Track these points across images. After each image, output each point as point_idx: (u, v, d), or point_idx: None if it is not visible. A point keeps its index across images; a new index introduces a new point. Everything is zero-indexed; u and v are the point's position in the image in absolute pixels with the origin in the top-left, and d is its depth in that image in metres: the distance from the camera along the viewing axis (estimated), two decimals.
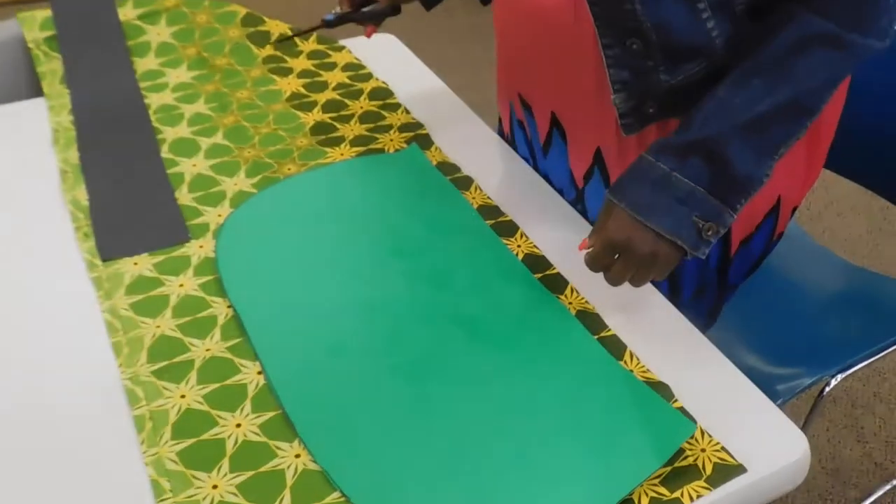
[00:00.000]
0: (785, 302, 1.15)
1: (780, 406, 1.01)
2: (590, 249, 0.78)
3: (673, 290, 0.93)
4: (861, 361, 1.06)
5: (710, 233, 0.75)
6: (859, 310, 1.10)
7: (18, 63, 1.24)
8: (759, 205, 0.93)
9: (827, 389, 1.06)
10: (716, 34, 0.78)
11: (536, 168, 1.02)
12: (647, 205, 0.75)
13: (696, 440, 0.70)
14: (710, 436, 0.70)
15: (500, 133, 1.11)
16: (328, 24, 1.00)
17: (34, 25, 1.22)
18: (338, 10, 1.00)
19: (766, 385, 1.01)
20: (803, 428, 1.14)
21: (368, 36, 1.05)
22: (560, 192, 0.99)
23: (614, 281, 0.78)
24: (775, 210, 0.95)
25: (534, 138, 0.99)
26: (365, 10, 1.01)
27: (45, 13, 1.23)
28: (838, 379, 1.05)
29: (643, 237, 0.75)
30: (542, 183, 1.00)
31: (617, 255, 0.77)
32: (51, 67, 1.19)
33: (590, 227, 0.93)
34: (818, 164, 0.95)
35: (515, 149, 1.05)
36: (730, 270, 0.96)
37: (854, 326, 1.09)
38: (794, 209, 0.99)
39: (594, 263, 0.78)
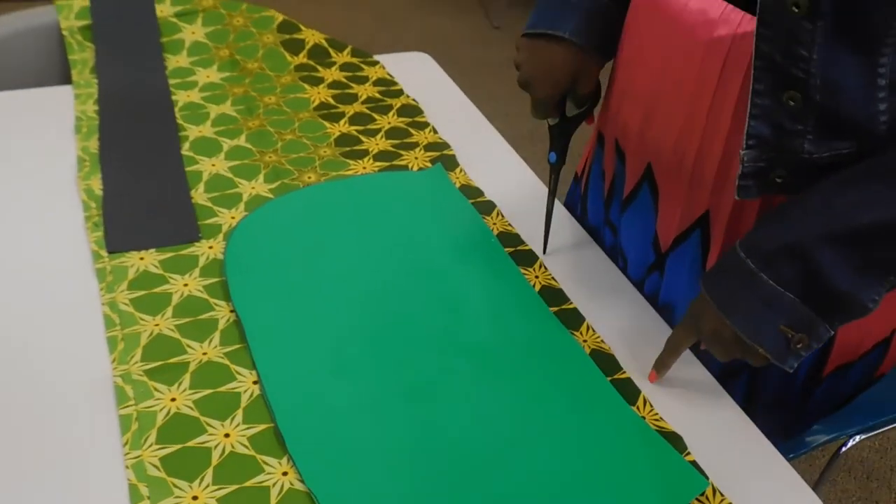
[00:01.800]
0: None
1: (792, 459, 0.97)
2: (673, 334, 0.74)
3: (750, 393, 0.83)
4: (885, 425, 1.01)
5: (800, 345, 0.66)
6: (890, 374, 1.06)
7: (51, 50, 1.23)
8: (870, 332, 0.82)
9: (844, 449, 1.01)
10: (884, 119, 0.64)
11: (608, 219, 0.92)
12: (731, 302, 0.68)
13: (707, 497, 0.66)
14: (721, 494, 0.66)
15: (575, 175, 1.03)
16: (557, 163, 0.88)
17: (70, 13, 1.21)
18: (552, 154, 0.88)
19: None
20: (815, 486, 1.10)
21: (591, 124, 0.91)
22: (626, 258, 0.90)
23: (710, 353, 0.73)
24: (885, 343, 0.83)
25: (614, 188, 0.90)
26: (570, 115, 0.87)
27: (82, 2, 1.22)
28: (857, 440, 1.00)
29: (732, 336, 0.69)
30: (567, 216, 0.97)
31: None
32: (83, 56, 1.18)
33: (616, 270, 0.89)
34: None
35: (587, 194, 0.96)
36: (816, 392, 0.85)
37: (882, 389, 1.05)
38: None
39: (670, 343, 0.75)
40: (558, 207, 0.98)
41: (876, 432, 1.02)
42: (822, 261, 0.64)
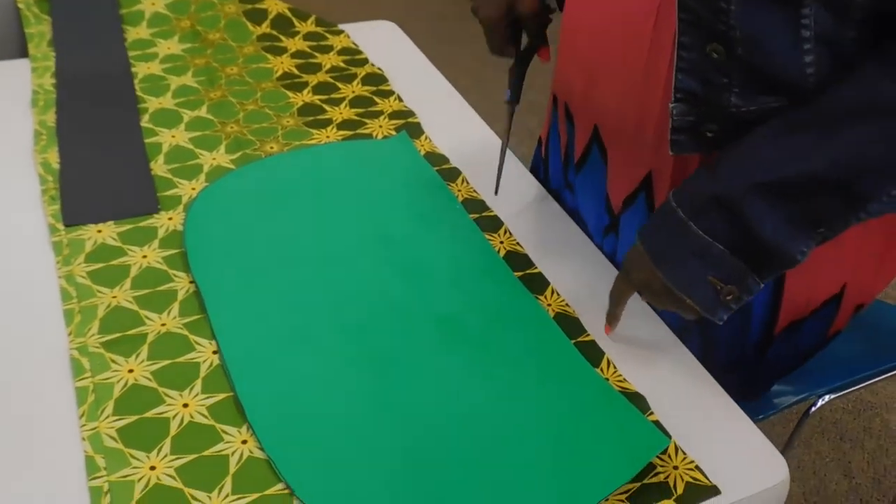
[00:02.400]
0: None
1: (761, 420, 0.97)
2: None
3: (705, 352, 0.80)
4: (852, 385, 1.02)
5: (729, 297, 0.66)
6: (857, 334, 1.06)
7: (7, 23, 1.20)
8: (819, 287, 0.81)
9: (813, 409, 1.01)
10: (811, 71, 0.63)
11: (567, 181, 0.93)
12: (661, 252, 0.68)
13: (670, 456, 0.66)
14: (684, 453, 0.66)
15: (539, 139, 1.02)
16: (514, 100, 0.87)
17: None
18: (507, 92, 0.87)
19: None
20: (786, 448, 1.11)
21: (545, 59, 0.86)
22: (584, 220, 0.90)
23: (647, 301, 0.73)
24: (837, 300, 0.83)
25: (569, 150, 0.90)
26: (523, 49, 0.85)
27: None
28: (826, 399, 1.01)
29: (662, 286, 0.69)
30: (532, 179, 0.96)
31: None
32: (39, 29, 1.15)
33: (579, 232, 0.89)
34: None
35: (548, 156, 0.97)
36: (770, 351, 0.85)
37: (849, 350, 1.05)
38: (859, 307, 0.86)
39: (612, 295, 0.74)
40: (524, 172, 0.97)
41: (844, 392, 1.03)
42: (751, 212, 0.63)
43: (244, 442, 0.64)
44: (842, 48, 0.62)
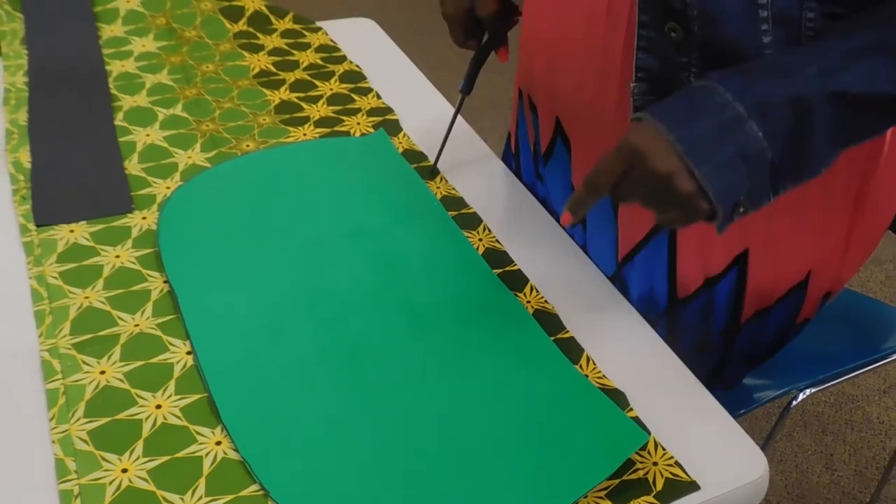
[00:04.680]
0: None
1: (742, 415, 0.97)
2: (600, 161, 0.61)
3: (670, 338, 0.78)
4: (833, 379, 1.02)
5: (742, 210, 0.60)
6: (837, 327, 1.06)
7: None
8: (783, 275, 0.81)
9: (794, 402, 1.01)
10: (769, 51, 0.63)
11: (538, 173, 0.93)
12: (705, 147, 0.58)
13: (649, 452, 0.65)
14: (663, 449, 0.66)
15: (508, 135, 1.03)
16: (466, 90, 0.88)
17: None
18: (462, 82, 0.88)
19: (731, 393, 0.97)
20: (767, 441, 1.11)
21: (503, 60, 0.86)
22: (555, 211, 0.90)
23: (619, 197, 0.62)
24: (801, 288, 0.82)
25: (536, 143, 0.91)
26: (483, 42, 0.85)
27: None
28: (807, 393, 1.01)
29: (687, 185, 0.58)
30: (511, 177, 0.96)
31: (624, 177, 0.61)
32: (12, 27, 1.14)
33: (557, 228, 0.88)
34: (864, 248, 0.82)
35: (518, 150, 0.97)
36: (737, 339, 0.84)
37: (829, 343, 1.05)
38: (827, 296, 0.85)
39: (592, 182, 0.62)
40: (503, 169, 0.96)
41: (825, 386, 1.03)
42: (818, 120, 0.59)
43: (218, 443, 0.63)
44: (799, 28, 0.62)
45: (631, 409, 0.68)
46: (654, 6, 0.64)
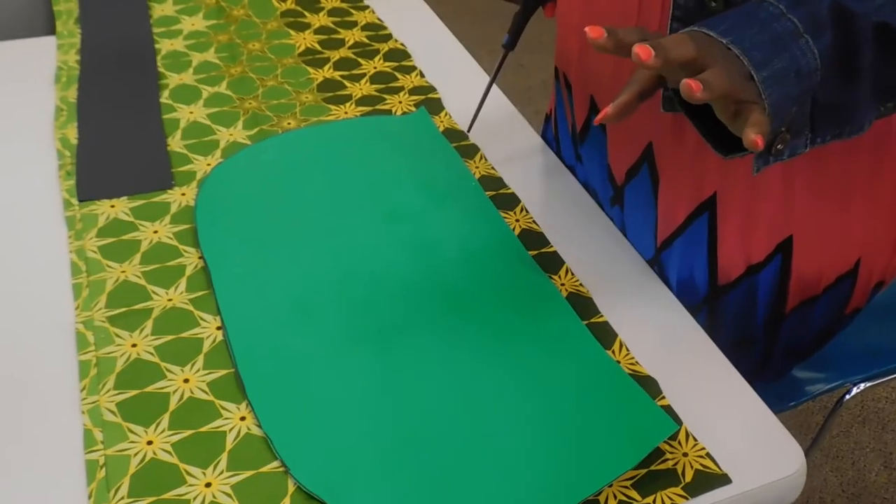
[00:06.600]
0: None
1: (792, 408, 0.94)
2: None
3: (711, 329, 0.76)
4: (889, 374, 0.97)
5: (779, 146, 0.57)
6: (894, 320, 1.02)
7: (36, 1, 1.22)
8: (829, 264, 0.77)
9: (847, 397, 0.98)
10: None
11: (577, 154, 0.90)
12: (763, 57, 0.53)
13: (680, 443, 0.63)
14: (695, 439, 0.64)
15: (546, 115, 1.01)
16: (509, 46, 0.88)
17: None
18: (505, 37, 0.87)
19: (781, 385, 0.93)
20: (818, 437, 1.07)
21: (550, 15, 0.86)
22: (594, 191, 0.88)
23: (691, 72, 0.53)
24: (851, 276, 0.79)
25: (573, 123, 0.89)
26: None
27: None
28: (861, 388, 0.97)
29: (738, 75, 0.53)
30: (552, 157, 0.94)
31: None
32: (67, 7, 1.16)
33: (597, 210, 0.86)
34: None
35: (558, 132, 0.95)
36: (782, 329, 0.81)
37: (885, 336, 1.01)
38: (879, 286, 0.82)
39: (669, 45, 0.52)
40: (543, 147, 0.95)
41: (881, 381, 0.99)
42: (863, 54, 0.56)
43: (242, 419, 0.63)
44: None
45: (663, 398, 0.66)
46: None
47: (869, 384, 0.98)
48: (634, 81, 0.57)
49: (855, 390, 0.99)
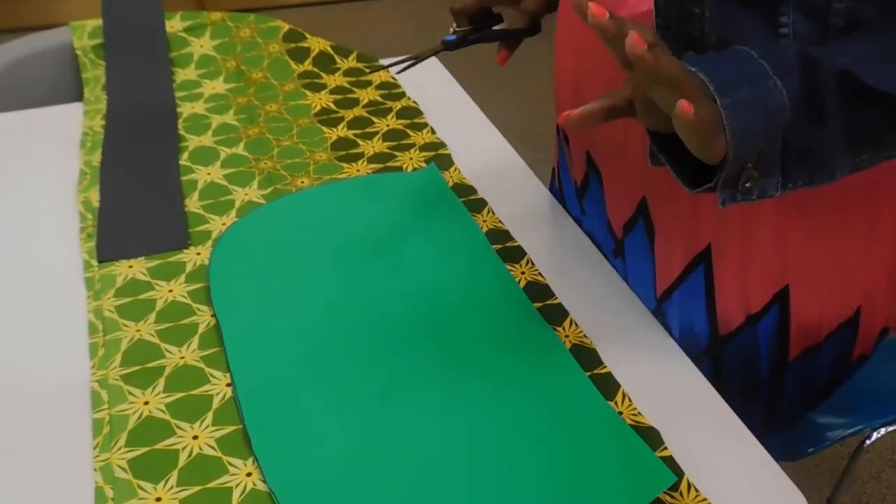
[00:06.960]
0: None
1: (812, 454, 0.93)
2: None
3: (715, 379, 0.77)
4: None
5: (748, 184, 0.57)
6: (878, 355, 1.01)
7: (66, 69, 1.27)
8: (826, 311, 0.77)
9: (868, 442, 0.96)
10: None
11: (582, 207, 0.91)
12: (728, 83, 0.55)
13: (681, 493, 0.63)
14: (696, 490, 0.64)
15: (552, 170, 1.03)
16: (449, 47, 0.83)
17: (84, 33, 1.24)
18: (454, 27, 0.83)
19: (800, 430, 0.92)
20: (840, 482, 1.05)
21: (501, 62, 0.85)
22: (599, 243, 0.89)
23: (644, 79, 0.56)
24: (853, 324, 0.79)
25: (575, 178, 0.90)
26: (496, 28, 0.82)
27: (95, 22, 1.25)
28: (881, 433, 0.95)
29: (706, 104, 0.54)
30: (559, 210, 0.95)
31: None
32: (95, 74, 1.21)
33: (602, 261, 0.87)
34: None
35: (562, 186, 0.97)
36: (786, 378, 0.81)
37: (888, 375, 0.99)
38: (884, 332, 0.81)
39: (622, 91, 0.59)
40: (551, 201, 0.96)
41: None
42: (830, 98, 0.57)
43: (248, 474, 0.65)
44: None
45: (665, 448, 0.67)
46: (672, 33, 0.63)
47: (891, 428, 0.97)
48: (608, 97, 0.60)
49: (875, 435, 0.97)
